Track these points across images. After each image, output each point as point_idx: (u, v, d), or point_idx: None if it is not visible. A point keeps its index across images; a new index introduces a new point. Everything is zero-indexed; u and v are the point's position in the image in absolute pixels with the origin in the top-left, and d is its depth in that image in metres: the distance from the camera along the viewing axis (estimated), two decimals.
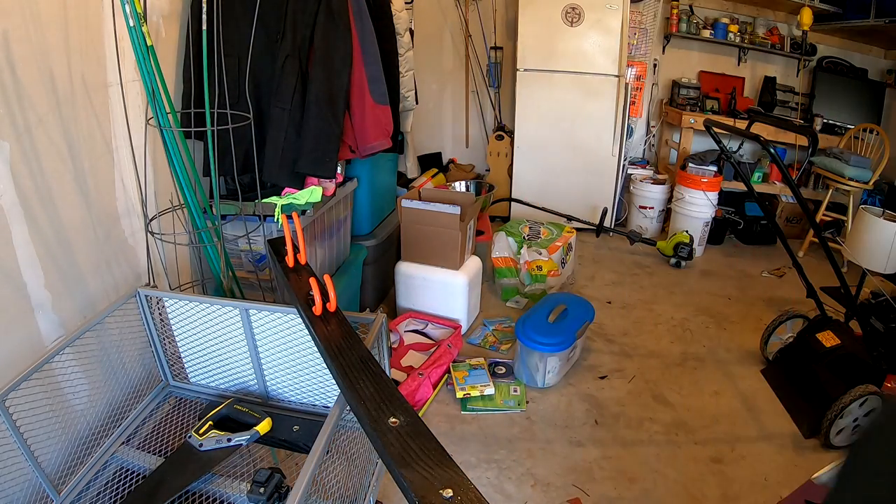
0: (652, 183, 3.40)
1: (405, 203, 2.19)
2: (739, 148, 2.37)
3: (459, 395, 1.90)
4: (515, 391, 1.92)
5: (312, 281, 0.93)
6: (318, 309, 0.92)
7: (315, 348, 0.95)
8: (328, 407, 1.16)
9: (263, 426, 1.04)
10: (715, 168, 3.19)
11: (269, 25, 1.62)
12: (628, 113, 3.28)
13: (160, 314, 1.20)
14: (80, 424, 1.08)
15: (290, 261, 1.08)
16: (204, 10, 1.34)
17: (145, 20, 1.18)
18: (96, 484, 1.02)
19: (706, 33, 3.54)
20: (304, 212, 1.69)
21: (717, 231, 3.39)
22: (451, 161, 3.88)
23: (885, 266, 2.05)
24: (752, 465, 1.69)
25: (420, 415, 1.31)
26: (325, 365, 0.98)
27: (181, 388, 1.25)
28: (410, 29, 2.49)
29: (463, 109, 3.87)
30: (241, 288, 1.59)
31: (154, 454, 1.07)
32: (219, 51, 1.39)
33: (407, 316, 2.25)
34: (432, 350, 2.09)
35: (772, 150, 1.71)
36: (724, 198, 3.49)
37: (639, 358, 2.19)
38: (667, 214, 3.46)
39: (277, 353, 1.14)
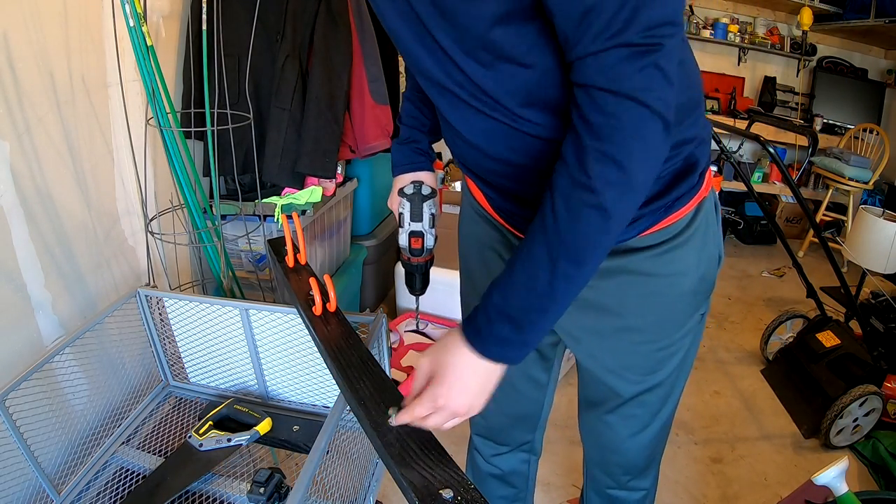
0: None
1: None
2: (739, 148, 2.37)
3: None
4: None
5: (312, 281, 0.93)
6: (318, 309, 0.92)
7: (315, 348, 0.95)
8: (328, 407, 1.16)
9: (263, 426, 1.04)
10: (715, 168, 3.19)
11: (269, 25, 1.62)
12: None
13: (160, 314, 1.20)
14: (80, 424, 1.08)
15: (290, 261, 1.07)
16: (204, 10, 1.33)
17: (145, 20, 1.18)
18: (96, 484, 1.02)
19: (706, 33, 3.54)
20: (304, 212, 1.69)
21: None
22: (452, 161, 3.88)
23: (885, 266, 2.05)
24: (752, 465, 1.69)
25: None
26: (325, 365, 0.98)
27: (181, 388, 1.25)
28: None
29: None
30: (241, 288, 1.59)
31: (154, 454, 1.07)
32: (219, 51, 1.39)
33: (407, 316, 2.25)
34: None
35: (772, 150, 1.71)
36: (724, 198, 3.50)
37: None
38: None
39: (277, 353, 1.14)
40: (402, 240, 0.86)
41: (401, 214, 0.86)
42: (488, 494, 1.11)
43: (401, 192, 0.87)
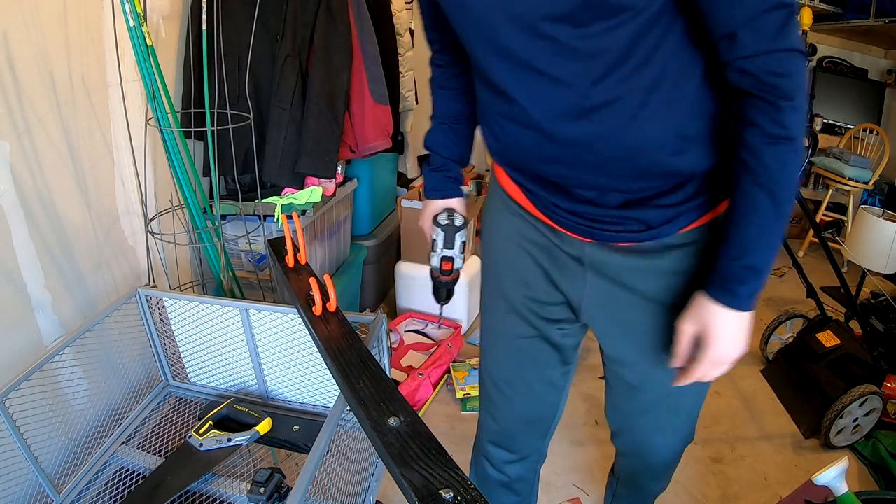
0: None
1: (405, 203, 2.19)
2: None
3: (459, 395, 1.90)
4: None
5: (312, 281, 0.93)
6: (318, 309, 0.92)
7: (315, 348, 0.95)
8: (328, 407, 1.16)
9: (263, 426, 1.04)
10: None
11: (269, 25, 1.62)
12: None
13: (160, 314, 1.20)
14: (80, 424, 1.08)
15: (290, 261, 1.07)
16: (204, 10, 1.34)
17: (145, 20, 1.18)
18: (96, 484, 1.02)
19: None
20: (304, 212, 1.69)
21: None
22: None
23: (885, 266, 2.05)
24: (752, 465, 1.69)
25: (420, 415, 1.31)
26: (325, 365, 0.98)
27: (181, 388, 1.25)
28: (411, 29, 2.49)
29: None
30: (241, 288, 1.59)
31: (154, 454, 1.07)
32: (219, 51, 1.40)
33: (407, 316, 2.25)
34: (432, 350, 2.09)
35: None
36: None
37: None
38: None
39: (277, 353, 1.14)
40: (434, 261, 0.97)
41: (434, 241, 0.96)
42: (494, 502, 1.11)
43: (435, 222, 0.95)
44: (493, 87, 0.72)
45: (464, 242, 0.95)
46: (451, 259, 0.95)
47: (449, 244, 0.94)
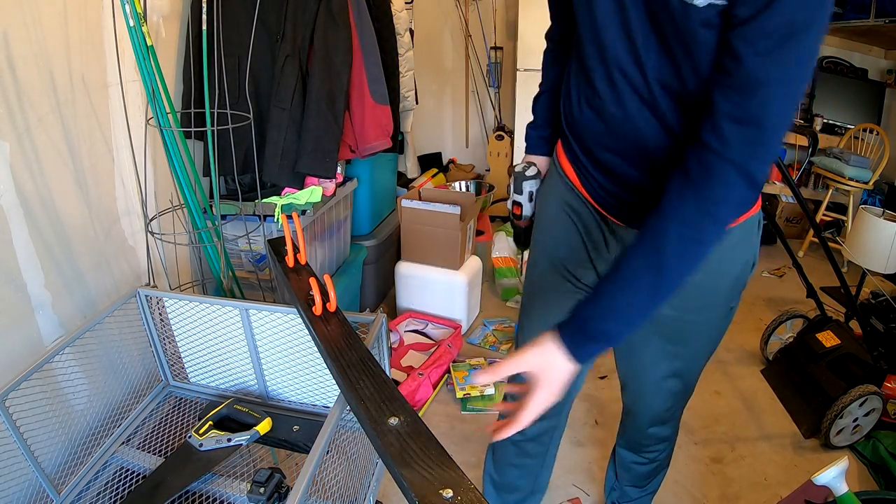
0: None
1: (405, 203, 2.19)
2: None
3: (459, 395, 1.90)
4: None
5: (312, 281, 0.93)
6: (318, 309, 0.92)
7: (315, 348, 0.95)
8: (328, 407, 1.16)
9: (263, 426, 1.04)
10: None
11: (269, 25, 1.63)
12: None
13: (160, 314, 1.20)
14: (80, 424, 1.08)
15: (290, 261, 1.08)
16: (204, 10, 1.34)
17: (145, 20, 1.18)
18: (96, 484, 1.02)
19: None
20: (304, 212, 1.69)
21: None
22: (451, 161, 3.88)
23: (885, 266, 2.05)
24: (752, 465, 1.69)
25: (420, 415, 1.31)
26: (325, 365, 0.98)
27: (181, 388, 1.25)
28: (410, 29, 2.50)
29: (463, 109, 3.87)
30: (241, 288, 1.59)
31: (154, 454, 1.07)
32: (219, 51, 1.40)
33: (407, 316, 2.25)
34: (432, 350, 2.09)
35: None
36: None
37: None
38: None
39: (277, 353, 1.14)
40: (509, 204, 1.10)
41: (508, 186, 1.08)
42: (503, 462, 1.16)
43: (513, 167, 1.08)
44: (585, 72, 0.82)
45: (531, 192, 1.06)
46: (519, 204, 1.07)
47: (518, 190, 1.06)
